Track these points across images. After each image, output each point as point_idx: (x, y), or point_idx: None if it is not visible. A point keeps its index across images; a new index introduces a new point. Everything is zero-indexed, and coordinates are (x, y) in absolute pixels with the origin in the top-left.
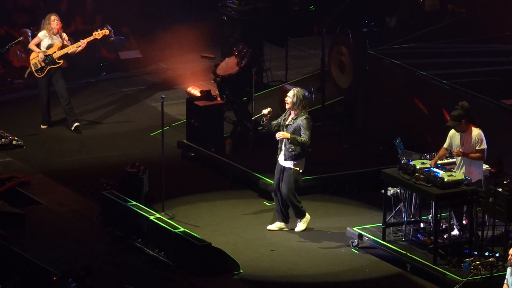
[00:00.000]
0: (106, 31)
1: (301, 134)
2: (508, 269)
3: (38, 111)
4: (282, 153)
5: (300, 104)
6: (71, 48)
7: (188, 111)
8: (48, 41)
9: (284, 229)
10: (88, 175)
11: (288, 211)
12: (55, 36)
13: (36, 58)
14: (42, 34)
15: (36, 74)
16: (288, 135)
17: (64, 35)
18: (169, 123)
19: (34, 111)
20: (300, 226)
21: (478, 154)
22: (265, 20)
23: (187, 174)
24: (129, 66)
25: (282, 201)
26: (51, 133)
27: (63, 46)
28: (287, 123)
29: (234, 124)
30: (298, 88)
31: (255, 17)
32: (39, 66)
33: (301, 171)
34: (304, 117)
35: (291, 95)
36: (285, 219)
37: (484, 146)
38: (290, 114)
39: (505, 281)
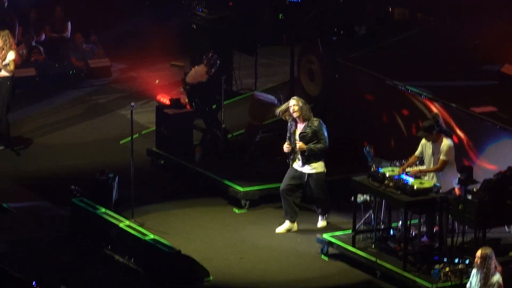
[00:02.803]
0: None
1: (320, 139)
2: (473, 271)
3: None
4: (299, 160)
5: (307, 110)
6: None
7: (157, 119)
8: None
9: (292, 230)
10: (58, 183)
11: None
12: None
13: None
14: None
15: None
16: (304, 147)
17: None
18: (138, 131)
19: None
20: (321, 223)
21: (435, 167)
22: (235, 28)
23: (156, 182)
24: (99, 75)
25: (293, 201)
26: (20, 141)
27: None
28: (301, 131)
29: (203, 132)
30: (295, 97)
31: (224, 26)
32: None
33: (324, 171)
34: (317, 121)
35: (294, 104)
36: (295, 218)
37: (445, 157)
38: (297, 122)
39: (468, 284)
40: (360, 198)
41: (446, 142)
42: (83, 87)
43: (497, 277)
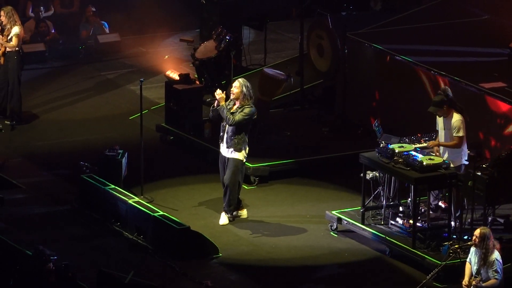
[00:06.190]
0: None
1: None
2: (472, 249)
3: None
4: (224, 142)
5: (248, 95)
6: None
7: (166, 95)
8: None
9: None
10: (67, 159)
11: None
12: None
13: None
14: None
15: None
16: (223, 98)
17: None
18: (148, 106)
19: None
20: (224, 219)
21: (453, 142)
22: (244, 3)
23: (166, 157)
24: (108, 50)
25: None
26: (30, 117)
27: None
28: (232, 110)
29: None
30: (243, 78)
31: (233, 1)
32: None
33: (243, 161)
34: (249, 109)
35: (237, 86)
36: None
37: (461, 133)
38: (234, 103)
39: (468, 260)
40: (369, 174)
41: (456, 118)
42: (92, 62)
43: (495, 255)
